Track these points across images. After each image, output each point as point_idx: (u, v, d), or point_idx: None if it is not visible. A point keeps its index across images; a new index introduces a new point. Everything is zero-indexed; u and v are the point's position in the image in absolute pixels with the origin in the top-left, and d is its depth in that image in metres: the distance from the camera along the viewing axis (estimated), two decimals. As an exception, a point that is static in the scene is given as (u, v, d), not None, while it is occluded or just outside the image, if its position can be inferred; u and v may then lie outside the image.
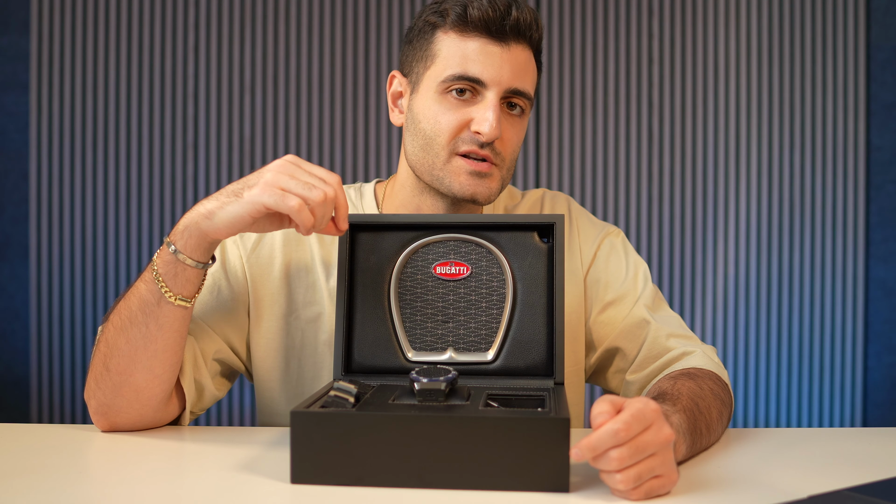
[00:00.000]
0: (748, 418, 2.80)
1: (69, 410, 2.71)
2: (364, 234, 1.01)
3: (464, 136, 1.05)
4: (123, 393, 0.97)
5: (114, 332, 0.96)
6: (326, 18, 2.76)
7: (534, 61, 1.09)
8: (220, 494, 0.77)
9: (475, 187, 1.06)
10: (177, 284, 0.94)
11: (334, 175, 0.92)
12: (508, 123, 1.07)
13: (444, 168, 1.06)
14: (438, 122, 1.05)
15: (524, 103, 1.08)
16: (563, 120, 2.79)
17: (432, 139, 1.06)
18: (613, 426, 0.72)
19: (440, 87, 1.05)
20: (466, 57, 1.03)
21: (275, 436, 1.00)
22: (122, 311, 0.96)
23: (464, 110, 1.05)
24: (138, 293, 0.95)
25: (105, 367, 0.97)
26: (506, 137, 1.06)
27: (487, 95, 1.04)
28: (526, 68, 1.06)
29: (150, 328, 0.95)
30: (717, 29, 2.77)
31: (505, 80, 1.04)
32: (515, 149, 1.09)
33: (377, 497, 0.75)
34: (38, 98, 2.70)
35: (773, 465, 0.88)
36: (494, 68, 1.03)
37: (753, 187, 2.78)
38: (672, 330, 1.11)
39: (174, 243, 0.93)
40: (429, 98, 1.06)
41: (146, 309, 0.94)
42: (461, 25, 1.04)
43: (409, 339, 0.99)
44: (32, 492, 0.77)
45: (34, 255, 2.70)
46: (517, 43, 1.05)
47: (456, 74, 1.03)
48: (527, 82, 1.06)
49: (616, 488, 0.74)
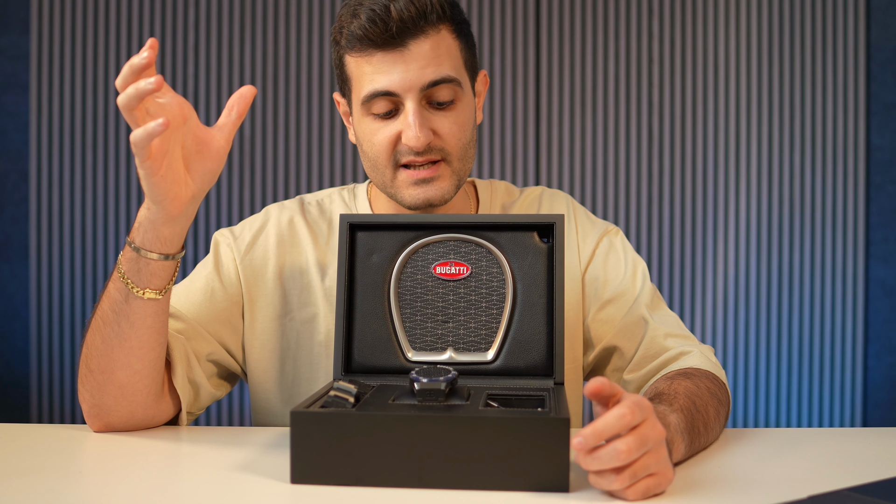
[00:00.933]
0: (748, 418, 2.80)
1: (69, 410, 2.71)
2: (364, 234, 1.01)
3: (400, 148, 1.05)
4: (108, 391, 0.97)
5: (91, 332, 0.97)
6: (326, 18, 2.76)
7: (448, 36, 1.04)
8: (219, 495, 0.77)
9: (425, 193, 1.06)
10: (142, 279, 0.93)
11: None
12: (440, 118, 1.05)
13: (392, 185, 1.08)
14: (373, 144, 1.06)
15: (452, 90, 1.05)
16: (563, 120, 2.79)
17: (375, 160, 1.07)
18: (618, 411, 0.71)
19: (363, 109, 1.06)
20: (372, 74, 1.03)
21: (274, 436, 1.00)
22: (97, 312, 0.96)
23: (390, 125, 1.05)
24: (108, 294, 0.95)
25: (87, 367, 0.97)
26: (442, 132, 1.05)
27: (406, 104, 1.03)
28: (437, 55, 1.03)
29: (122, 326, 0.94)
30: (717, 29, 2.77)
31: (416, 81, 1.02)
32: (459, 136, 1.06)
33: (377, 497, 0.75)
34: (38, 98, 2.70)
35: (773, 465, 0.88)
36: (400, 75, 1.01)
37: (753, 187, 2.78)
38: (670, 329, 1.11)
39: (133, 241, 0.92)
40: (361, 121, 1.07)
41: (115, 307, 0.94)
42: (357, 45, 1.03)
43: (408, 339, 0.99)
44: (32, 492, 0.77)
45: (34, 255, 2.70)
46: (415, 38, 1.01)
47: (367, 95, 1.03)
48: (443, 67, 1.03)
49: (611, 488, 0.73)
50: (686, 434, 0.86)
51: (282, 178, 2.77)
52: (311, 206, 1.20)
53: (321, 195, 1.22)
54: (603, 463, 0.72)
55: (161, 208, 0.88)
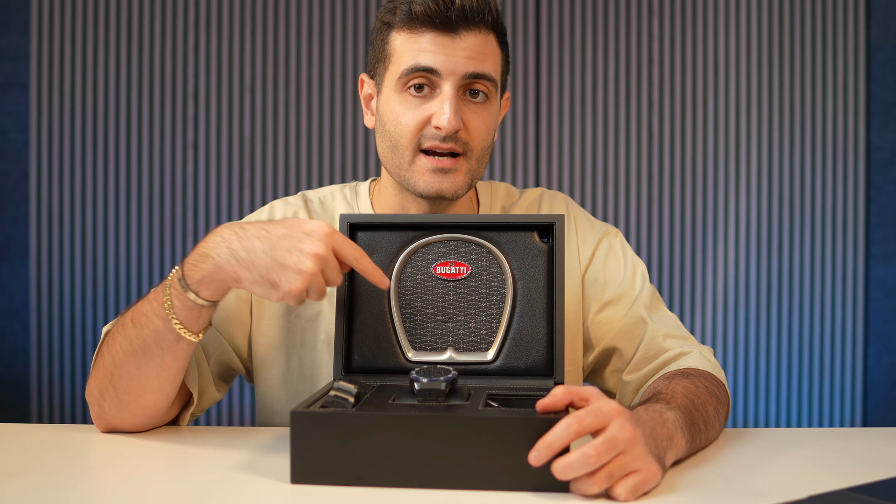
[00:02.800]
0: (748, 418, 2.80)
1: (69, 410, 2.71)
2: (364, 234, 1.01)
3: (426, 132, 1.05)
4: (130, 409, 0.99)
5: (123, 355, 0.96)
6: (326, 18, 2.76)
7: (494, 42, 1.07)
8: (220, 494, 0.77)
9: (439, 184, 1.06)
10: (196, 325, 0.94)
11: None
12: (472, 112, 1.06)
13: (409, 168, 1.07)
14: (400, 122, 1.06)
15: (487, 87, 1.06)
16: (563, 120, 2.79)
17: (397, 139, 1.07)
18: (567, 421, 0.73)
19: (398, 85, 1.06)
20: (418, 51, 1.04)
21: (275, 436, 1.00)
22: (132, 337, 0.95)
23: (423, 107, 1.05)
24: (153, 327, 0.94)
25: (112, 384, 0.97)
26: (470, 126, 1.05)
27: (444, 87, 1.04)
28: (483, 52, 1.05)
29: (166, 359, 0.95)
30: (717, 29, 2.77)
31: (460, 67, 1.03)
32: (484, 137, 1.07)
33: (377, 497, 0.75)
34: (38, 98, 2.70)
35: (773, 465, 0.88)
36: (447, 57, 1.03)
37: (753, 187, 2.78)
38: (669, 330, 1.11)
39: (197, 293, 0.92)
40: (390, 99, 1.07)
41: (163, 344, 0.94)
42: (410, 22, 1.04)
43: (409, 339, 0.99)
44: (32, 492, 0.77)
45: (34, 255, 2.70)
46: (468, 30, 1.03)
47: (410, 68, 1.04)
48: (486, 65, 1.05)
49: (590, 492, 0.73)
50: (686, 430, 0.86)
51: (282, 177, 2.77)
52: (314, 203, 1.20)
53: (323, 192, 1.22)
54: (575, 470, 0.73)
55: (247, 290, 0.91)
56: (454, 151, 1.05)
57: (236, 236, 0.90)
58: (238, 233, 0.90)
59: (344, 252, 0.90)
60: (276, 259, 0.87)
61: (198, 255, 0.91)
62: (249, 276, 0.88)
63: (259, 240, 0.89)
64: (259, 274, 0.88)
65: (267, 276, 0.87)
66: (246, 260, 0.88)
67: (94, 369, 1.00)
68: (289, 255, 0.87)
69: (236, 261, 0.89)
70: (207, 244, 0.91)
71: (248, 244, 0.89)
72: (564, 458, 0.73)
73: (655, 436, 0.79)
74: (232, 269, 0.89)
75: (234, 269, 0.89)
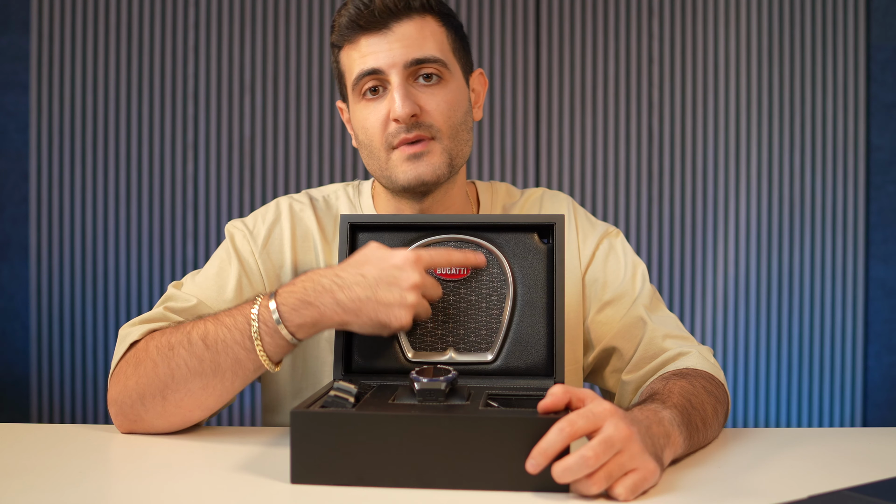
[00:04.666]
0: (748, 418, 2.80)
1: (69, 410, 2.71)
2: (365, 235, 1.01)
3: (390, 129, 1.07)
4: (171, 420, 0.99)
5: (188, 373, 0.95)
6: (326, 18, 2.76)
7: (433, 23, 1.09)
8: (220, 494, 0.77)
9: (416, 169, 1.07)
10: (279, 357, 0.97)
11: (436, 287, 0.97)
12: (426, 95, 1.08)
13: (387, 167, 1.09)
14: (366, 127, 1.09)
15: (437, 69, 1.08)
16: (563, 120, 2.79)
17: (370, 144, 1.10)
18: (558, 425, 0.74)
19: (355, 95, 1.10)
20: (360, 58, 1.08)
21: (275, 436, 1.00)
22: (204, 359, 0.95)
23: (380, 106, 1.08)
24: (233, 355, 0.94)
25: (162, 395, 0.96)
26: (428, 108, 1.07)
27: (391, 80, 1.06)
28: (420, 37, 1.07)
29: (236, 384, 0.97)
30: (717, 29, 2.77)
31: (398, 57, 1.06)
32: (448, 115, 1.08)
33: (377, 497, 0.75)
34: (38, 98, 2.70)
35: (774, 464, 0.88)
36: (384, 53, 1.06)
37: (753, 187, 2.78)
38: (668, 330, 1.11)
39: (294, 334, 0.94)
40: (355, 109, 1.11)
41: (239, 371, 0.96)
42: (346, 35, 1.09)
43: (409, 340, 0.99)
44: (32, 492, 0.77)
45: (34, 255, 2.70)
46: (397, 21, 1.06)
47: (357, 76, 1.08)
48: (426, 48, 1.07)
49: (590, 493, 0.74)
50: (683, 427, 0.86)
51: (282, 177, 2.77)
52: (318, 202, 1.20)
53: (327, 191, 1.23)
54: (574, 473, 0.73)
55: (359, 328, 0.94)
56: (421, 138, 1.07)
57: (337, 286, 0.93)
58: (337, 282, 0.93)
59: (436, 264, 0.95)
60: (380, 302, 0.91)
61: (298, 300, 0.93)
62: (359, 321, 0.93)
63: (360, 287, 0.92)
64: (368, 318, 0.92)
65: (376, 318, 0.92)
66: (353, 308, 0.92)
67: (133, 374, 0.98)
68: (390, 295, 0.91)
69: (343, 310, 0.92)
70: (308, 292, 0.93)
71: (351, 293, 0.92)
72: (563, 462, 0.73)
73: (651, 434, 0.80)
74: (339, 318, 0.93)
75: (341, 317, 0.93)
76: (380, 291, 0.91)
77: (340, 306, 0.92)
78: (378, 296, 0.91)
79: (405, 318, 0.91)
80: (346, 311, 0.92)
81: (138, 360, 0.98)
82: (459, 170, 1.14)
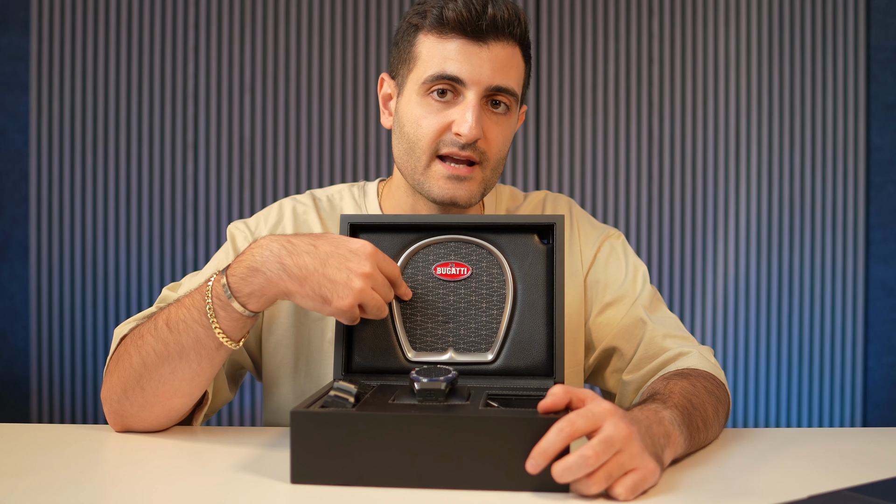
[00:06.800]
0: (748, 418, 2.80)
1: (69, 410, 2.71)
2: (365, 235, 1.01)
3: (445, 138, 1.05)
4: (154, 410, 0.99)
5: (156, 359, 0.95)
6: (326, 18, 2.76)
7: (519, 56, 1.08)
8: (220, 494, 0.77)
9: (454, 191, 1.06)
10: (239, 333, 0.95)
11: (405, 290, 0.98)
12: (492, 122, 1.06)
13: (424, 173, 1.07)
14: (420, 126, 1.06)
15: (509, 100, 1.07)
16: (563, 120, 2.79)
17: (415, 143, 1.07)
18: (558, 425, 0.74)
19: (421, 88, 1.06)
20: (445, 57, 1.04)
21: (275, 436, 1.00)
22: (168, 342, 0.95)
23: (445, 112, 1.05)
24: (194, 334, 0.94)
25: (139, 385, 0.97)
26: (490, 137, 1.06)
27: (467, 95, 1.04)
28: (508, 65, 1.05)
29: (203, 365, 0.96)
30: (717, 29, 2.77)
31: (485, 78, 1.03)
32: (501, 148, 1.08)
33: (377, 497, 0.75)
34: (38, 98, 2.70)
35: (773, 465, 0.88)
36: (473, 67, 1.03)
37: (753, 187, 2.78)
38: (668, 331, 1.11)
39: (245, 305, 0.92)
40: (412, 101, 1.07)
41: (202, 351, 0.95)
42: (439, 27, 1.04)
43: (409, 340, 0.99)
44: (32, 492, 0.77)
45: (34, 255, 2.70)
46: (496, 41, 1.04)
47: (435, 74, 1.04)
48: (510, 79, 1.06)
49: (590, 492, 0.74)
50: (684, 427, 0.86)
51: (282, 177, 2.77)
52: (322, 202, 1.20)
53: (331, 191, 1.23)
54: (574, 472, 0.73)
55: (312, 307, 0.93)
56: (471, 160, 1.06)
57: (286, 251, 0.91)
58: (287, 247, 0.92)
59: (386, 270, 0.94)
60: (326, 276, 0.90)
61: (246, 268, 0.92)
62: (302, 290, 0.91)
63: (309, 255, 0.91)
64: (312, 289, 0.90)
65: (319, 291, 0.90)
66: (298, 275, 0.90)
67: (114, 369, 0.99)
68: (339, 273, 0.90)
69: (288, 276, 0.91)
70: (256, 258, 0.92)
71: (299, 260, 0.91)
72: (563, 461, 0.73)
73: (652, 434, 0.80)
74: (284, 284, 0.91)
75: (286, 283, 0.91)
76: (328, 266, 0.90)
77: (286, 272, 0.91)
78: (325, 270, 0.90)
79: (348, 300, 0.90)
80: (291, 278, 0.90)
81: (119, 355, 1.00)
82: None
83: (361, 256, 0.91)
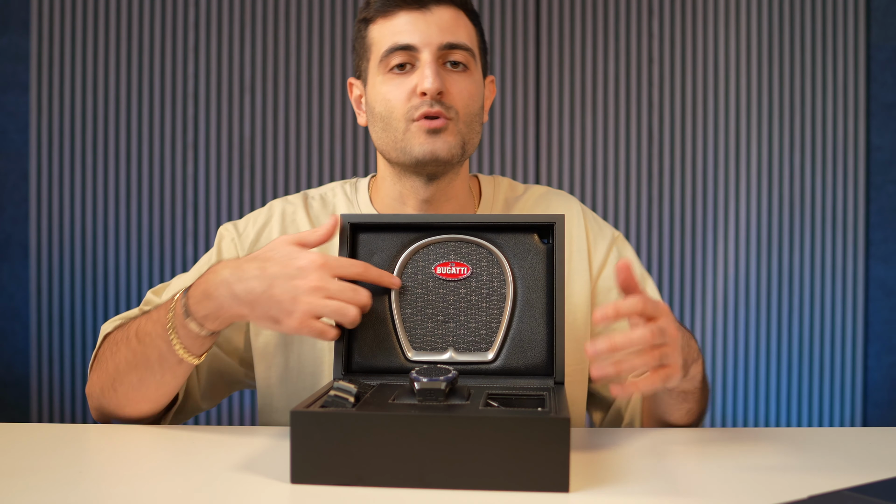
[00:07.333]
0: (748, 418, 2.80)
1: (69, 410, 2.71)
2: (365, 235, 1.01)
3: (413, 102, 1.08)
4: (126, 411, 1.05)
5: (126, 366, 1.01)
6: (326, 18, 2.76)
7: (465, 18, 1.12)
8: (220, 494, 0.77)
9: (433, 144, 1.08)
10: (199, 349, 0.99)
11: (363, 291, 0.94)
12: (452, 79, 1.10)
13: (404, 138, 1.10)
14: (389, 100, 1.10)
15: (465, 57, 1.10)
16: (563, 120, 2.79)
17: (388, 117, 1.10)
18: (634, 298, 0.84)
19: (381, 68, 1.10)
20: (395, 32, 1.09)
21: (275, 436, 1.00)
22: (137, 353, 1.00)
23: (407, 81, 1.09)
24: (157, 348, 0.99)
25: (113, 388, 1.03)
26: (452, 91, 1.09)
27: (422, 58, 1.08)
28: (455, 25, 1.10)
29: (166, 377, 1.01)
30: (717, 29, 2.77)
31: (434, 38, 1.08)
32: (468, 103, 1.11)
33: (377, 497, 0.75)
34: (38, 98, 2.70)
35: (773, 465, 0.88)
36: (421, 31, 1.08)
37: (753, 187, 2.78)
38: None
39: (202, 325, 0.96)
40: (377, 84, 1.11)
41: (165, 364, 0.99)
42: (384, 10, 1.10)
43: (409, 339, 0.99)
44: (32, 492, 0.77)
45: (34, 255, 2.70)
46: (438, 5, 1.09)
47: (388, 48, 1.09)
48: (460, 35, 1.10)
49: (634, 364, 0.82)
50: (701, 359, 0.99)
51: (282, 177, 2.77)
52: (314, 201, 1.21)
53: (324, 189, 1.24)
54: (633, 343, 0.82)
55: (264, 326, 0.95)
56: (441, 115, 1.08)
57: (235, 277, 0.93)
58: (237, 274, 0.94)
59: (346, 273, 0.94)
60: (273, 298, 0.92)
61: (201, 292, 0.95)
62: (253, 314, 0.93)
63: (256, 280, 0.93)
64: (261, 312, 0.93)
65: (268, 313, 0.92)
66: (247, 300, 0.93)
67: (95, 367, 1.07)
68: (285, 294, 0.91)
69: (237, 302, 0.93)
70: (210, 283, 0.95)
71: (246, 286, 0.93)
72: (625, 334, 0.82)
73: (689, 346, 0.93)
74: (234, 310, 0.94)
75: (236, 309, 0.94)
76: (275, 288, 0.91)
77: (235, 298, 0.93)
78: (272, 292, 0.91)
79: (295, 318, 0.91)
80: (240, 304, 0.93)
81: (99, 357, 1.07)
82: (467, 158, 1.16)
83: (308, 271, 0.92)
